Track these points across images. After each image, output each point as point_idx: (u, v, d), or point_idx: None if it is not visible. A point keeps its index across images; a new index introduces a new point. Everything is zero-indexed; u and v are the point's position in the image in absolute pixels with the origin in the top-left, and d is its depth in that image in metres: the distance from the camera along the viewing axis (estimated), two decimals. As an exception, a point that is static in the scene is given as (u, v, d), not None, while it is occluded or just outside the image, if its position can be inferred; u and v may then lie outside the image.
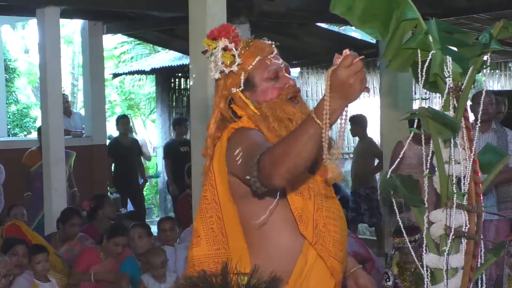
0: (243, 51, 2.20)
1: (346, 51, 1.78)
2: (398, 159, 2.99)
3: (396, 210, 2.53)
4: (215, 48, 2.20)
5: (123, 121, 8.72)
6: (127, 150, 8.46)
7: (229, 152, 2.11)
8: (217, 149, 2.20)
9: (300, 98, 2.24)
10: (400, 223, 2.52)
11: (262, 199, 2.10)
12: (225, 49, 2.19)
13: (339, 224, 2.24)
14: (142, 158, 9.01)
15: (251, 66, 2.19)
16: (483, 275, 2.64)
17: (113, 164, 8.75)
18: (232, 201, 2.17)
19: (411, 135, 2.61)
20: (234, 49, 2.18)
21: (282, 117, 2.14)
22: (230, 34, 2.20)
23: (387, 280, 4.56)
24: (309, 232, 2.14)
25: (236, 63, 2.17)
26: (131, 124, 9.83)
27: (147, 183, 10.95)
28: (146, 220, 8.38)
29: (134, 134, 11.64)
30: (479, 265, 2.63)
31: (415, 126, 2.48)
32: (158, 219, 10.53)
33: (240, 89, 2.19)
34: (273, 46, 2.25)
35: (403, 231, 2.72)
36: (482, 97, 2.65)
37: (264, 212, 2.10)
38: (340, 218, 2.26)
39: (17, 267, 4.49)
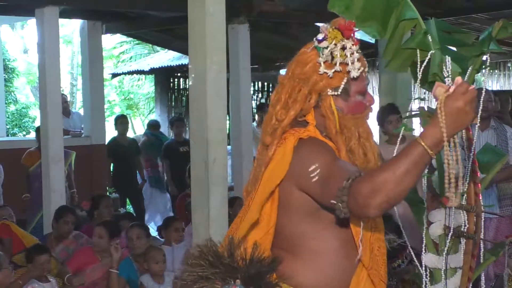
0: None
1: (459, 79, 1.73)
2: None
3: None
4: (337, 41, 2.02)
5: (122, 121, 8.72)
6: (125, 149, 8.45)
7: (297, 165, 1.98)
8: (278, 153, 2.04)
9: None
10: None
11: (323, 219, 2.03)
12: (343, 48, 2.02)
13: (384, 245, 2.18)
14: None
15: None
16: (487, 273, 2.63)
17: (111, 164, 8.74)
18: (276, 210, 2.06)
19: (401, 136, 2.61)
20: (356, 52, 2.03)
21: (362, 136, 2.07)
22: (354, 35, 2.06)
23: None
24: (367, 257, 2.08)
25: (356, 65, 2.02)
26: (130, 124, 9.78)
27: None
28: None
29: (133, 133, 11.64)
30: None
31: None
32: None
33: (337, 93, 2.05)
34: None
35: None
36: (482, 96, 2.64)
37: (321, 231, 2.04)
38: (383, 239, 2.18)
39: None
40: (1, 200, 7.32)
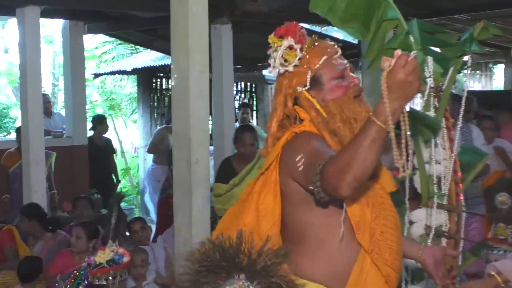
0: (309, 50, 2.20)
1: (398, 52, 1.80)
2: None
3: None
4: (279, 46, 2.19)
5: (100, 121, 8.76)
6: (101, 150, 8.49)
7: (289, 157, 2.10)
8: (273, 150, 2.19)
9: (363, 97, 2.23)
10: None
11: (324, 207, 2.10)
12: (290, 48, 2.18)
13: (396, 233, 2.21)
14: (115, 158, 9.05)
15: (317, 65, 2.19)
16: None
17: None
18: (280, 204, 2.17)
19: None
20: (299, 50, 2.17)
21: (349, 117, 2.13)
22: (296, 34, 2.19)
23: None
24: (366, 240, 2.12)
25: (293, 64, 2.17)
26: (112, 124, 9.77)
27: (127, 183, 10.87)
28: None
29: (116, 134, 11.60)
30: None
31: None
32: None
33: (306, 88, 2.19)
34: (336, 46, 2.25)
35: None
36: (464, 98, 2.66)
37: (324, 219, 2.11)
38: (397, 227, 2.22)
39: None
40: None
